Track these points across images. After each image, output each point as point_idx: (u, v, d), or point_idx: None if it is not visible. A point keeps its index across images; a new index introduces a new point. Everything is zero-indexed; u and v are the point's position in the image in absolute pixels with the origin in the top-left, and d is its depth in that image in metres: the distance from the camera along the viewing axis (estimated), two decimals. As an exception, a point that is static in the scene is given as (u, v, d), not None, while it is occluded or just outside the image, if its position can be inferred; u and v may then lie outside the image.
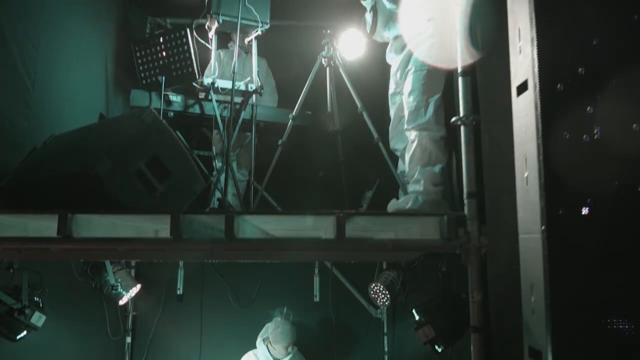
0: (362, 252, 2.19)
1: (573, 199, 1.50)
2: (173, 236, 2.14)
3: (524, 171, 1.71)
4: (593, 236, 1.47)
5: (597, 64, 1.55)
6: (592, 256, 1.47)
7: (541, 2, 1.64)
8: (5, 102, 2.75)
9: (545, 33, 1.62)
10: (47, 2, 3.18)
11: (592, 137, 1.52)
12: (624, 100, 1.52)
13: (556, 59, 1.59)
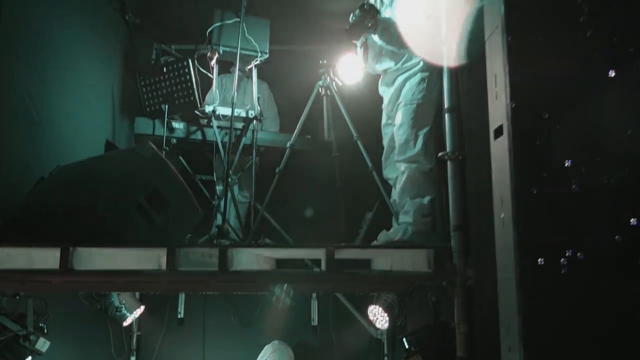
0: (352, 283, 2.26)
1: (546, 249, 1.56)
2: (169, 269, 2.23)
3: (501, 212, 1.78)
4: (563, 287, 1.53)
5: (567, 113, 1.62)
6: (563, 305, 1.52)
7: (514, 51, 1.72)
8: (14, 136, 2.87)
9: (517, 81, 1.70)
10: (55, 37, 3.32)
11: (566, 189, 1.58)
12: (596, 150, 1.58)
13: (529, 107, 1.67)
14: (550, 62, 1.66)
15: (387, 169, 3.10)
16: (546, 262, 1.56)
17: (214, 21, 3.77)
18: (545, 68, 1.67)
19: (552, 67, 1.66)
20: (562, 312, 1.53)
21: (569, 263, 1.54)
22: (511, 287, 1.66)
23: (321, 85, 3.63)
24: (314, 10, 4.28)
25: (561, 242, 1.57)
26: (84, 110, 3.75)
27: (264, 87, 4.63)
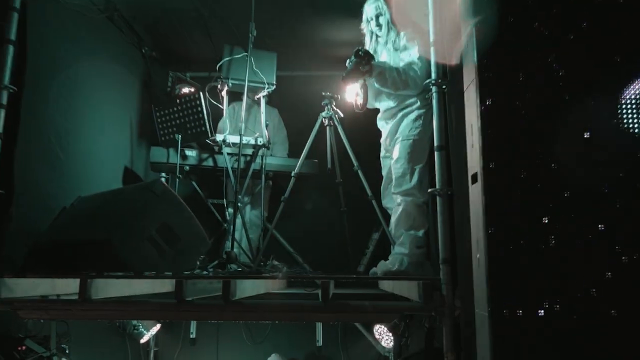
0: (347, 314, 2.41)
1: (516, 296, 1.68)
2: (177, 299, 2.42)
3: (477, 252, 1.92)
4: (532, 335, 1.66)
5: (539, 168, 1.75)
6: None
7: (486, 108, 1.86)
8: (39, 171, 3.12)
9: (490, 135, 1.84)
10: (78, 74, 3.58)
11: (537, 240, 1.71)
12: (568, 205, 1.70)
13: (502, 159, 1.80)
14: (523, 118, 1.79)
15: (385, 199, 3.25)
16: (513, 309, 1.69)
17: (224, 56, 3.98)
18: (517, 123, 1.80)
19: (523, 122, 1.79)
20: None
21: (537, 312, 1.67)
22: (485, 324, 1.80)
23: (324, 116, 3.80)
24: (320, 40, 4.48)
25: (531, 292, 1.69)
26: (104, 140, 4.01)
27: (274, 113, 4.84)
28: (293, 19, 4.19)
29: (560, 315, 1.68)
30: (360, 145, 3.79)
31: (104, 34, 3.95)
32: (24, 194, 2.91)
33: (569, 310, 1.69)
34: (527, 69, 1.78)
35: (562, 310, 1.69)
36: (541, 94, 1.76)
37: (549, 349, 1.66)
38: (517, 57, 1.80)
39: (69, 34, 3.41)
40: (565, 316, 1.67)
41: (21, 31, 2.90)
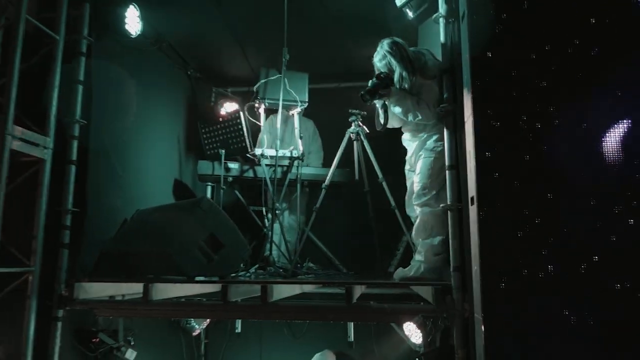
0: (368, 315, 2.76)
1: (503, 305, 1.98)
2: (223, 300, 2.84)
3: (474, 265, 2.22)
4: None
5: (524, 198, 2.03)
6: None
7: (480, 137, 2.15)
8: (104, 189, 3.63)
9: (484, 163, 2.12)
10: (133, 98, 4.07)
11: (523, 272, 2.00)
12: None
13: (492, 186, 2.09)
14: (515, 150, 2.07)
15: (408, 208, 3.54)
16: (502, 315, 1.98)
17: (260, 78, 4.39)
18: (511, 155, 2.08)
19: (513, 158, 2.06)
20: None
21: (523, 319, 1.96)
22: (479, 326, 2.10)
23: (351, 132, 4.14)
24: (348, 57, 4.80)
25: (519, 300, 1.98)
26: (156, 156, 4.52)
27: (309, 124, 5.20)
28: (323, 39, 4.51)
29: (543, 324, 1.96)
30: (385, 159, 4.10)
31: (155, 61, 4.44)
32: (93, 210, 3.42)
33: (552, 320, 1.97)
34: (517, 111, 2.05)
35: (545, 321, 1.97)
36: (529, 134, 2.03)
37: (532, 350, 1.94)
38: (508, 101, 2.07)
39: (125, 65, 3.90)
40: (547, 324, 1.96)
41: (87, 69, 3.41)
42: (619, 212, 1.98)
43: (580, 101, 2.01)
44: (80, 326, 3.36)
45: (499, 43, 2.21)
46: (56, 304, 3.07)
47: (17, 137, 2.87)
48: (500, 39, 2.22)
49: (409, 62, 3.22)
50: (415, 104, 3.15)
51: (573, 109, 2.04)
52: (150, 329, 4.24)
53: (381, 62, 3.32)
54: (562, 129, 2.01)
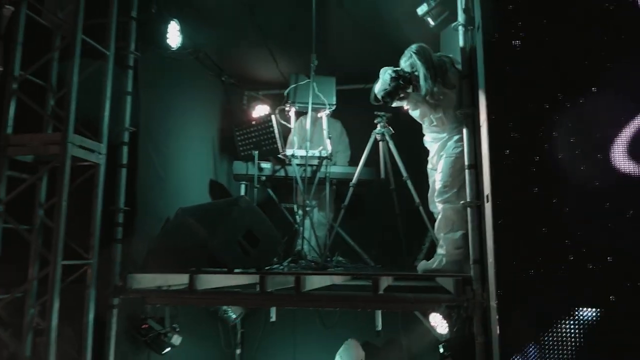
0: (394, 304, 2.99)
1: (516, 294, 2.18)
2: (261, 290, 3.12)
3: (489, 257, 2.42)
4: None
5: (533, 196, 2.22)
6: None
7: (493, 141, 2.34)
8: (150, 191, 3.97)
9: (497, 166, 2.32)
10: (173, 106, 4.41)
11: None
12: None
13: (503, 186, 2.28)
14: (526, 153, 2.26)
15: (431, 205, 3.74)
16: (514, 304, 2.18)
17: (290, 83, 4.65)
18: (522, 157, 2.27)
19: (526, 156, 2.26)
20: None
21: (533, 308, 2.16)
22: (494, 314, 2.30)
23: (377, 133, 4.36)
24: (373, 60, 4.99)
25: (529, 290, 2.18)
26: (194, 158, 4.85)
27: (337, 125, 5.44)
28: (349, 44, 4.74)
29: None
30: (409, 158, 4.30)
31: (192, 70, 4.76)
32: (141, 209, 3.76)
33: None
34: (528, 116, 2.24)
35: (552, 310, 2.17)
36: (539, 138, 2.22)
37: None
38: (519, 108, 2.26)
39: (166, 75, 4.23)
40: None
41: (134, 80, 3.74)
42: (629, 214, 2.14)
43: (588, 110, 2.17)
44: (132, 313, 3.71)
45: (512, 53, 2.39)
46: (112, 293, 3.43)
47: (77, 144, 3.22)
48: (513, 49, 2.40)
49: (432, 66, 3.42)
50: (432, 109, 3.34)
51: (582, 116, 2.21)
52: (192, 318, 4.58)
53: (406, 62, 3.53)
54: (571, 134, 2.18)
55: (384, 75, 3.57)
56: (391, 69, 3.56)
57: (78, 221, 3.34)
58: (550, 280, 2.17)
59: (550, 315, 2.20)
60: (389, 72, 3.52)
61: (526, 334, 2.18)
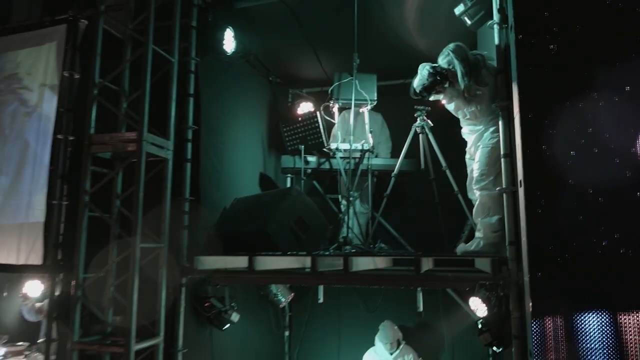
0: (433, 281, 3.27)
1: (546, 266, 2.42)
2: (312, 270, 3.47)
3: (523, 237, 2.66)
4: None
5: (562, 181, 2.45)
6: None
7: (525, 131, 2.58)
8: (209, 183, 4.38)
9: (528, 155, 2.55)
10: (227, 105, 4.81)
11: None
12: None
13: (535, 172, 2.52)
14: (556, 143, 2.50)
15: (470, 192, 3.98)
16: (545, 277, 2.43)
17: (334, 81, 4.97)
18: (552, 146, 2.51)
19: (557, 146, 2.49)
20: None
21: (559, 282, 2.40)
22: (527, 288, 2.55)
23: (417, 126, 4.62)
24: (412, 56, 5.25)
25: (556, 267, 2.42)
26: (245, 153, 5.25)
27: (378, 117, 5.71)
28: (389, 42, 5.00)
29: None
30: (447, 149, 4.54)
31: (243, 71, 5.16)
32: (203, 199, 4.19)
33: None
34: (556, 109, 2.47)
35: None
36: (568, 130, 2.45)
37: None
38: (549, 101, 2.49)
39: (222, 78, 4.63)
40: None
41: (195, 84, 4.16)
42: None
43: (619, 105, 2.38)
44: (196, 293, 4.15)
45: (543, 51, 2.62)
46: (181, 273, 3.86)
47: (150, 142, 3.65)
48: (543, 47, 2.62)
49: (468, 64, 3.66)
50: (466, 103, 3.58)
51: (612, 111, 2.42)
52: (247, 301, 5.00)
53: (444, 60, 3.79)
54: (600, 128, 2.40)
55: (422, 71, 3.84)
56: (429, 65, 3.82)
57: (150, 210, 3.78)
58: (581, 259, 2.40)
59: (580, 292, 2.43)
60: (427, 68, 3.79)
61: (556, 309, 2.42)
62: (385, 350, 5.20)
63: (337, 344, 5.77)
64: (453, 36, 3.92)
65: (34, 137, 4.44)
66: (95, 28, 3.90)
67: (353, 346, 5.74)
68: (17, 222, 4.37)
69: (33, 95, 4.52)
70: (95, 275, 3.69)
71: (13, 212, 4.43)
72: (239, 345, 4.87)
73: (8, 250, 4.37)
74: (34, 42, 4.63)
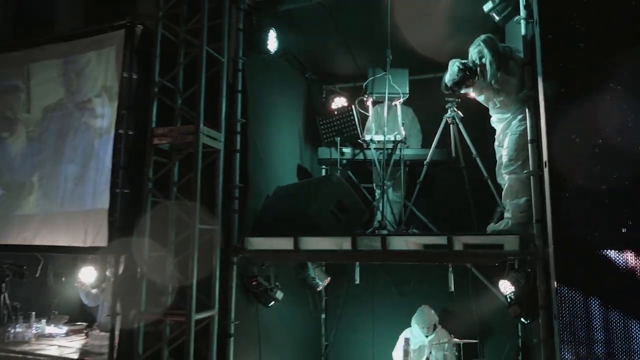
0: (465, 257, 3.57)
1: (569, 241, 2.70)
2: (353, 249, 3.82)
3: (548, 214, 2.94)
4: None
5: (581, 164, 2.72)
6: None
7: (549, 118, 2.85)
8: (254, 172, 4.77)
9: (552, 140, 2.83)
10: (269, 100, 5.20)
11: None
12: None
13: (558, 155, 2.79)
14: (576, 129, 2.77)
15: (499, 177, 4.26)
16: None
17: (368, 75, 5.30)
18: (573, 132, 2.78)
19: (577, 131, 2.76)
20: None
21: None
22: (552, 258, 2.83)
23: (448, 117, 4.91)
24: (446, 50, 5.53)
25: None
26: (284, 145, 5.64)
27: (409, 112, 6.00)
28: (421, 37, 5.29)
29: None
30: (476, 139, 4.82)
31: (282, 69, 5.55)
32: (250, 186, 4.58)
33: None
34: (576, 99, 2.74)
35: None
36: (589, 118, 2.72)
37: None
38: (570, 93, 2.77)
39: (264, 76, 5.02)
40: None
41: (243, 81, 4.55)
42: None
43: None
44: (244, 272, 4.55)
45: (566, 44, 2.89)
46: (232, 252, 4.27)
47: (205, 134, 4.06)
48: (567, 41, 2.89)
49: (497, 54, 3.94)
50: (495, 94, 3.86)
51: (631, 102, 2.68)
52: (286, 282, 5.37)
53: (474, 50, 4.09)
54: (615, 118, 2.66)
55: (452, 67, 4.13)
56: (458, 61, 4.11)
57: (204, 195, 4.19)
58: (602, 237, 2.67)
59: (600, 267, 2.70)
60: (457, 64, 4.08)
61: (580, 282, 2.69)
62: (421, 332, 5.50)
63: (371, 327, 6.09)
64: (483, 31, 4.20)
65: (98, 132, 4.93)
66: (153, 32, 4.33)
67: (387, 329, 6.03)
68: (83, 209, 4.88)
69: (96, 94, 5.03)
70: (157, 255, 4.11)
71: (80, 200, 4.93)
72: (280, 323, 5.26)
73: (74, 234, 4.88)
74: (95, 46, 5.12)
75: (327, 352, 6.33)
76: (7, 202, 5.41)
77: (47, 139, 5.32)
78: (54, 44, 5.39)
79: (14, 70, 5.61)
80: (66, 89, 5.28)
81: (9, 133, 5.63)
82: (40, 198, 5.28)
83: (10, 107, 5.66)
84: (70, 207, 4.99)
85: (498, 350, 5.60)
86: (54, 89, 5.37)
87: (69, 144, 5.16)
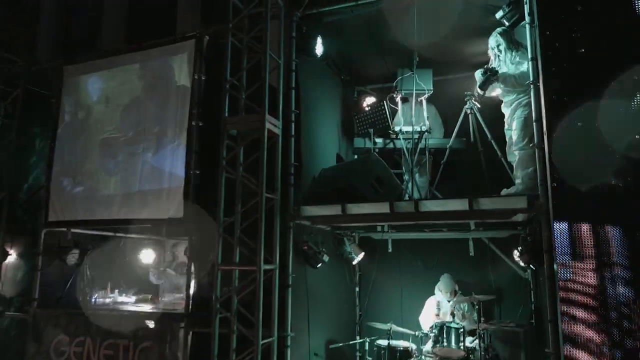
0: (482, 214, 4.43)
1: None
2: (391, 212, 4.70)
3: (548, 175, 3.80)
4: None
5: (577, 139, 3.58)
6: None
7: (549, 102, 3.73)
8: (305, 154, 5.69)
9: (550, 113, 3.69)
10: (312, 100, 6.13)
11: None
12: None
13: (556, 130, 3.66)
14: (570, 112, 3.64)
15: (509, 155, 5.13)
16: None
17: (397, 75, 6.22)
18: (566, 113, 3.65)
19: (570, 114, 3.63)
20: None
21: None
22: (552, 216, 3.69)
23: (467, 108, 5.80)
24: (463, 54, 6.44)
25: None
26: (326, 137, 6.57)
27: (432, 108, 6.89)
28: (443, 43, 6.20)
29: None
30: (492, 125, 5.69)
31: (322, 71, 6.52)
32: (304, 165, 5.51)
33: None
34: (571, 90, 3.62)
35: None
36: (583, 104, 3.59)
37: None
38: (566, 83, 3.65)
39: (311, 76, 5.98)
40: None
41: (295, 79, 5.51)
42: None
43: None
44: (296, 238, 5.44)
45: (561, 44, 3.77)
46: (289, 218, 5.18)
47: (268, 121, 5.00)
48: (562, 41, 3.78)
49: (511, 41, 4.93)
50: (515, 78, 4.78)
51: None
52: (329, 254, 6.25)
53: (493, 39, 5.10)
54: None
55: (477, 75, 5.11)
56: (481, 69, 5.05)
57: (267, 172, 5.11)
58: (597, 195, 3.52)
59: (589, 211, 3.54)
60: (479, 70, 5.04)
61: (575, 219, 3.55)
62: (444, 298, 6.33)
63: (399, 295, 6.92)
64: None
65: (172, 124, 5.94)
66: (223, 41, 5.31)
67: (413, 298, 6.85)
68: (161, 187, 5.86)
69: (170, 92, 6.06)
70: (228, 221, 5.04)
71: (157, 181, 5.93)
72: (323, 286, 6.15)
73: (154, 208, 5.86)
74: (170, 52, 6.16)
75: (361, 320, 7.16)
76: (93, 185, 6.43)
77: (126, 130, 6.35)
78: (132, 52, 6.46)
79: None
80: (143, 87, 6.32)
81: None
82: (119, 181, 6.29)
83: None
84: (148, 187, 5.99)
85: (513, 313, 6.38)
86: (130, 89, 6.42)
87: (145, 136, 6.17)
